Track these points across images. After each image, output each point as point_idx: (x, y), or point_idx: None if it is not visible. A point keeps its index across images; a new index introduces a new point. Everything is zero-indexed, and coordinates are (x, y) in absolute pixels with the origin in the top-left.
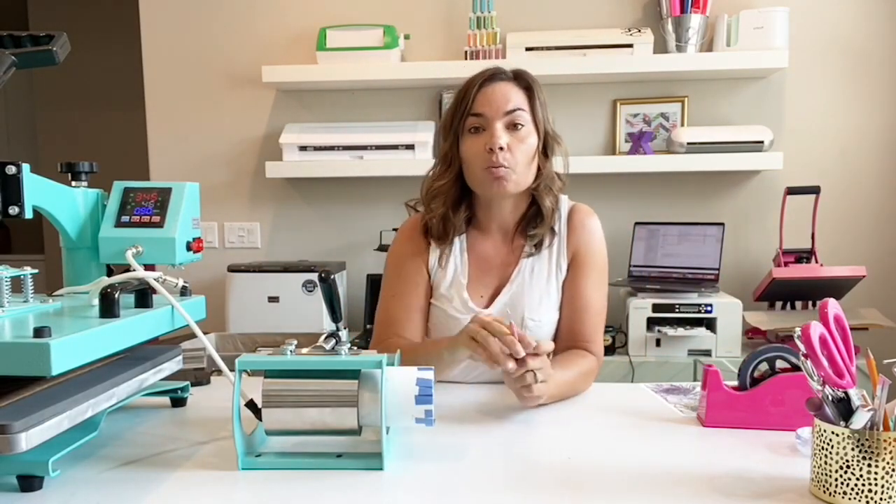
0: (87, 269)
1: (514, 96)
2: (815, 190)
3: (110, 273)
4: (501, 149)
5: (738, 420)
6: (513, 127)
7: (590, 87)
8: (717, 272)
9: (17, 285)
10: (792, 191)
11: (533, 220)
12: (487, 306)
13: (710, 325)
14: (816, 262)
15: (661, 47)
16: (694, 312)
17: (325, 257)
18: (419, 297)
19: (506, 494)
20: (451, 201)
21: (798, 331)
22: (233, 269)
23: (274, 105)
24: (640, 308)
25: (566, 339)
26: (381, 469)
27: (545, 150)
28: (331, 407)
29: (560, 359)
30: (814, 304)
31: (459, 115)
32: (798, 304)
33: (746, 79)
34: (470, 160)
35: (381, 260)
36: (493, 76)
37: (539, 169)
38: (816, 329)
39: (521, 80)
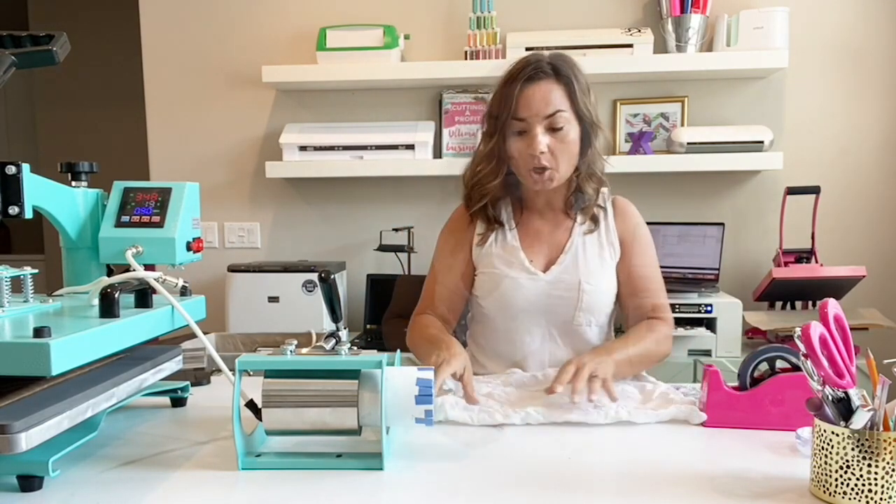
0: (87, 269)
1: (554, 97)
2: (815, 190)
3: (110, 273)
4: (543, 153)
5: (738, 420)
6: (553, 129)
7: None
8: (717, 272)
9: (17, 285)
10: (792, 191)
11: (580, 200)
12: (544, 271)
13: (710, 325)
14: (816, 262)
15: (661, 47)
16: (694, 312)
17: (325, 257)
18: (459, 275)
19: (506, 494)
20: (499, 195)
21: (798, 331)
22: (233, 269)
23: (274, 105)
24: None
25: (633, 315)
26: (381, 469)
27: (587, 136)
28: (331, 407)
29: (628, 337)
30: (814, 304)
31: (505, 116)
32: (798, 304)
33: (746, 79)
34: (515, 160)
35: (381, 260)
36: (532, 76)
37: (583, 156)
38: (816, 329)
39: (561, 75)
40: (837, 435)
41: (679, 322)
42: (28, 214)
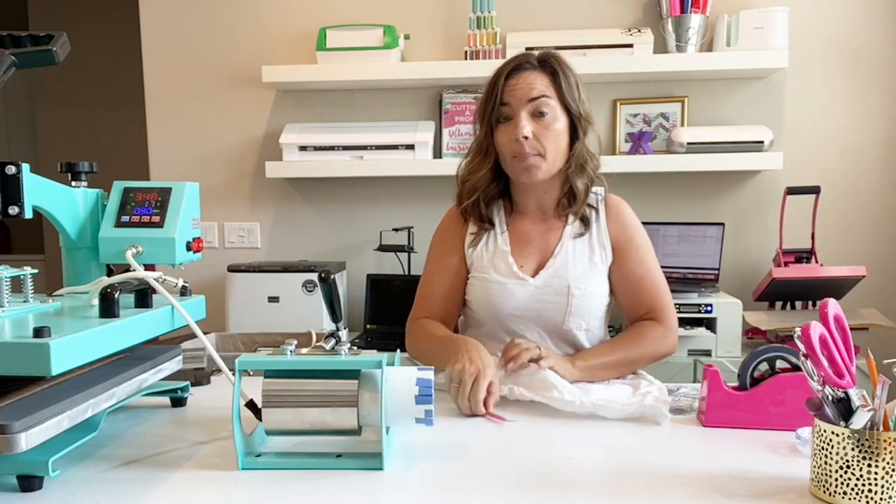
0: (87, 269)
1: (539, 84)
2: (815, 190)
3: (110, 273)
4: (526, 138)
5: (738, 420)
6: (538, 114)
7: (590, 87)
8: (717, 272)
9: (17, 285)
10: (792, 191)
11: (571, 199)
12: (533, 276)
13: (710, 325)
14: (816, 262)
15: (661, 47)
16: (694, 312)
17: (325, 257)
18: (454, 277)
19: (506, 494)
20: (489, 190)
21: (798, 331)
22: (233, 269)
23: (274, 105)
24: None
25: (631, 316)
26: (381, 469)
27: (576, 131)
28: (331, 407)
29: (606, 343)
30: (814, 304)
31: (491, 106)
32: (798, 304)
33: (746, 79)
34: (501, 149)
35: (381, 260)
36: (518, 66)
37: (571, 150)
38: (816, 329)
39: (547, 66)
40: (837, 435)
41: (679, 322)
42: (28, 214)
